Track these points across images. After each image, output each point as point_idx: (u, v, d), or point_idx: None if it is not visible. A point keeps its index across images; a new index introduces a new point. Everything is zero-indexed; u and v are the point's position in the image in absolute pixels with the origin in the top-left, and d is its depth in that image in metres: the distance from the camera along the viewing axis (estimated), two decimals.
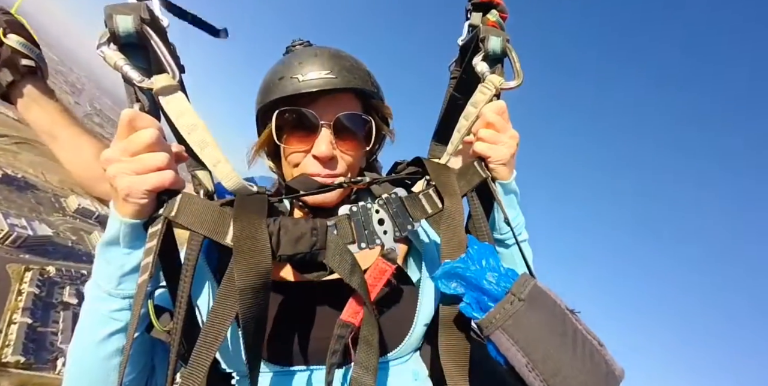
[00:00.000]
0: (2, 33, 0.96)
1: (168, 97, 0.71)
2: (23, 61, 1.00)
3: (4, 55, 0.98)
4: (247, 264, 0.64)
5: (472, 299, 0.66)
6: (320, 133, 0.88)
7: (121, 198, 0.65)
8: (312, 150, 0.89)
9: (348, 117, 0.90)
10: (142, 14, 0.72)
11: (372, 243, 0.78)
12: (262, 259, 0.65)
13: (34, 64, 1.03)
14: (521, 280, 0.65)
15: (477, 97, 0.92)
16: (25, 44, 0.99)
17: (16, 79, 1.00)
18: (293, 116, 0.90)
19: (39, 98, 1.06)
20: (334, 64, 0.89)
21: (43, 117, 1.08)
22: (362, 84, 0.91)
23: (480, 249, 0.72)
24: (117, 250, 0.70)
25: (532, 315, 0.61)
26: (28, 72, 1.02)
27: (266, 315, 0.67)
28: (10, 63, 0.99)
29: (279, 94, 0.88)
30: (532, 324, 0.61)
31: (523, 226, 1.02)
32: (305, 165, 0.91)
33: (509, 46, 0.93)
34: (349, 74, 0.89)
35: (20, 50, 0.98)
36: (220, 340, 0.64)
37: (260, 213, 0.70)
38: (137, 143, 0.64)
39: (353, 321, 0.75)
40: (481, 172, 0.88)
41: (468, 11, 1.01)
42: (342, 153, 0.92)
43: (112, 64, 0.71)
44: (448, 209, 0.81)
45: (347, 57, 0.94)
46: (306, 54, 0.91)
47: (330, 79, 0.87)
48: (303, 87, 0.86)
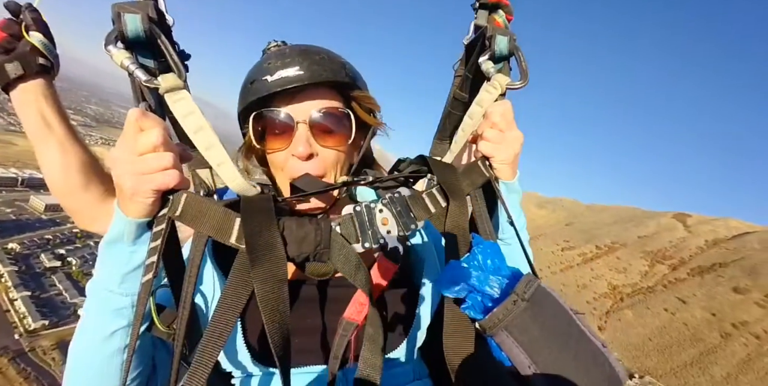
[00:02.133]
0: (25, 29, 0.97)
1: (174, 97, 0.71)
2: (39, 60, 1.01)
3: (21, 50, 0.98)
4: (265, 272, 0.66)
5: (475, 300, 0.65)
6: (296, 132, 0.87)
7: (127, 198, 0.66)
8: (290, 149, 0.88)
9: (323, 112, 0.88)
10: (150, 13, 0.71)
11: (376, 243, 0.77)
12: (280, 267, 0.67)
13: (49, 64, 1.05)
14: (525, 281, 0.64)
15: (483, 96, 0.91)
16: (46, 44, 1.00)
17: (28, 73, 1.01)
18: (268, 118, 0.89)
19: (41, 97, 1.06)
20: (303, 59, 0.87)
21: (38, 117, 1.06)
22: (334, 76, 0.89)
23: (484, 248, 0.70)
24: (120, 249, 0.70)
25: (535, 316, 0.61)
26: (41, 70, 1.03)
27: (287, 319, 0.67)
28: (24, 58, 0.99)
29: (252, 97, 0.88)
30: (536, 325, 0.60)
31: (524, 227, 1.03)
32: (290, 167, 0.90)
33: (516, 45, 0.93)
34: (319, 67, 0.87)
35: (40, 49, 0.99)
36: (224, 339, 0.64)
37: (269, 215, 0.70)
38: (144, 143, 0.64)
39: (357, 319, 0.78)
40: (485, 171, 0.88)
41: (475, 10, 1.01)
42: (323, 149, 0.90)
43: (118, 62, 0.70)
44: (453, 209, 0.81)
45: (317, 51, 0.92)
46: (276, 54, 0.90)
47: (299, 75, 0.85)
48: (272, 87, 0.85)
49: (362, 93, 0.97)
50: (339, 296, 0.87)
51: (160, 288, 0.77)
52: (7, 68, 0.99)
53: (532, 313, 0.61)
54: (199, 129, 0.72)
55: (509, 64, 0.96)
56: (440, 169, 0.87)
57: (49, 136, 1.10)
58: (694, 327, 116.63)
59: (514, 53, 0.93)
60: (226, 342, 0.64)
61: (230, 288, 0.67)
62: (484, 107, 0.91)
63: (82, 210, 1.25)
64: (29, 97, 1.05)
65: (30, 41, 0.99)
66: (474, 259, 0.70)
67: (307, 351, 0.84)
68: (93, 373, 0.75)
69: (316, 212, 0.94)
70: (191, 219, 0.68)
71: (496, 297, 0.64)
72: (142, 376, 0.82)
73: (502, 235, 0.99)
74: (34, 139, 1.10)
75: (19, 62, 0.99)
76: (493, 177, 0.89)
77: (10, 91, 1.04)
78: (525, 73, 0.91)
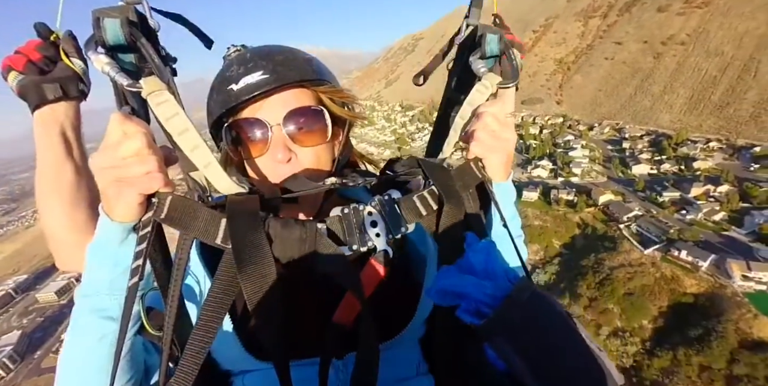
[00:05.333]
0: (65, 55, 0.98)
1: (157, 100, 0.70)
2: (80, 85, 1.02)
3: (62, 74, 0.99)
4: (250, 270, 0.65)
5: (469, 305, 0.65)
6: (272, 137, 0.85)
7: (112, 203, 0.66)
8: (269, 155, 0.87)
9: (295, 112, 0.86)
10: (130, 16, 0.71)
11: (364, 245, 0.77)
12: (265, 265, 0.67)
13: (87, 91, 1.04)
14: (521, 285, 0.63)
15: (473, 95, 0.90)
16: (86, 71, 1.01)
17: (66, 97, 1.01)
18: (240, 128, 0.87)
19: (68, 120, 1.05)
20: (266, 62, 0.85)
21: (60, 137, 1.04)
22: (300, 75, 0.87)
23: (478, 251, 0.69)
24: (108, 252, 0.70)
25: (531, 321, 0.61)
26: (79, 95, 1.03)
27: (278, 316, 0.68)
28: (65, 82, 0.99)
29: (220, 110, 0.86)
30: (531, 330, 0.60)
31: (519, 226, 1.02)
32: (272, 173, 0.88)
33: (507, 43, 0.92)
34: (284, 68, 0.85)
35: (81, 75, 1.00)
36: (210, 339, 0.65)
37: (255, 216, 0.70)
38: (127, 148, 0.63)
39: (347, 320, 0.77)
40: (477, 173, 0.86)
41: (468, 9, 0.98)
42: (302, 149, 0.89)
43: (99, 68, 0.70)
44: (447, 211, 0.80)
45: (279, 51, 0.89)
46: (237, 61, 0.88)
47: (264, 79, 0.83)
48: (239, 95, 0.83)
49: (332, 87, 0.94)
50: (329, 298, 0.82)
51: (151, 290, 0.77)
52: (46, 89, 0.99)
53: (527, 318, 0.61)
54: (184, 131, 0.71)
55: (500, 62, 0.96)
56: (433, 171, 0.86)
57: (66, 160, 1.06)
58: (631, 62, 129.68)
59: (505, 51, 0.93)
60: (212, 341, 0.65)
61: (216, 288, 0.67)
62: (475, 107, 0.90)
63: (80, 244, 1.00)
64: (58, 117, 1.04)
65: (72, 67, 0.99)
66: (467, 263, 0.68)
67: (297, 349, 0.83)
68: (83, 377, 0.74)
69: (305, 214, 0.93)
70: (176, 221, 0.68)
71: (491, 302, 0.63)
72: (133, 381, 0.81)
73: (495, 237, 0.94)
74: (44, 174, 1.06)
75: (60, 85, 0.99)
76: (486, 179, 0.87)
77: (39, 109, 1.02)
78: (516, 71, 0.92)
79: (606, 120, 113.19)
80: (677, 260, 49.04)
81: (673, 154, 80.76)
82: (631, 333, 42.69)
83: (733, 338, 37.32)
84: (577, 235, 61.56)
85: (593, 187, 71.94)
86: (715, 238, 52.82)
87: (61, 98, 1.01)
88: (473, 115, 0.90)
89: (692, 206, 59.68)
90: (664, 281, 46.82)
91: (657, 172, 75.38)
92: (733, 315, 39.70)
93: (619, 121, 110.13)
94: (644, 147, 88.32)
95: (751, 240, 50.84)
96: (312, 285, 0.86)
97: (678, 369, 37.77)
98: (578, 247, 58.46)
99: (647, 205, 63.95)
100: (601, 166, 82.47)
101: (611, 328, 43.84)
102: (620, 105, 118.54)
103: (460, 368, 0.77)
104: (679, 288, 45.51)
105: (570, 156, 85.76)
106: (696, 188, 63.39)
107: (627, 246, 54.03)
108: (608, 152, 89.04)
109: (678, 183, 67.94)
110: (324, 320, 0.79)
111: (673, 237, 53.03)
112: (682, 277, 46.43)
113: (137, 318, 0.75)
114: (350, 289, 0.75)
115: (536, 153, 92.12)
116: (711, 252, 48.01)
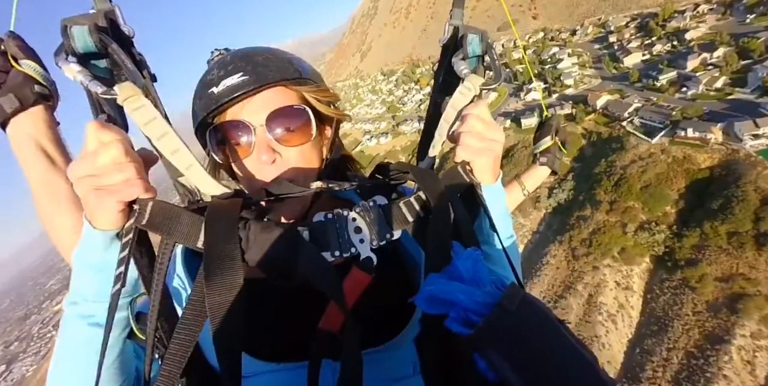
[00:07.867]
0: (12, 58, 0.91)
1: (133, 106, 0.69)
2: (36, 88, 0.95)
3: (12, 82, 0.92)
4: (217, 281, 0.65)
5: (458, 314, 0.63)
6: (256, 138, 0.85)
7: (93, 211, 0.66)
8: (253, 157, 0.86)
9: (278, 112, 0.86)
10: (99, 22, 0.70)
11: (346, 252, 0.76)
12: (233, 275, 0.66)
13: (46, 91, 0.98)
14: (510, 292, 0.62)
15: (456, 98, 0.89)
16: (40, 71, 0.95)
17: (25, 105, 0.94)
18: (223, 130, 0.87)
19: (40, 128, 0.99)
20: (246, 63, 0.84)
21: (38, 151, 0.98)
22: (281, 74, 0.86)
23: (465, 258, 0.68)
24: (92, 260, 0.70)
25: (521, 329, 0.60)
26: (38, 98, 0.96)
27: (240, 325, 0.66)
28: (19, 89, 0.93)
29: (203, 113, 0.86)
30: (522, 338, 0.59)
31: (510, 226, 1.02)
32: (258, 174, 0.88)
33: (489, 43, 0.92)
34: (264, 69, 0.84)
35: (34, 77, 0.94)
36: (191, 343, 0.65)
37: (232, 221, 0.69)
38: (104, 157, 0.63)
39: (332, 327, 0.75)
40: (465, 177, 0.85)
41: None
42: (287, 149, 0.88)
43: (72, 77, 0.69)
44: (434, 217, 0.78)
45: (260, 52, 0.89)
46: (218, 64, 0.88)
47: (244, 80, 0.82)
48: (220, 98, 0.83)
49: (316, 86, 0.93)
50: (313, 305, 0.79)
51: (142, 295, 0.77)
52: (2, 103, 0.92)
53: (517, 326, 0.60)
54: (163, 135, 0.71)
55: (483, 62, 0.95)
56: (421, 176, 0.85)
57: (52, 172, 1.01)
58: None
59: (487, 51, 0.93)
60: (192, 346, 0.65)
61: (195, 294, 0.67)
62: (458, 109, 0.89)
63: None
64: (28, 131, 0.97)
65: (22, 70, 0.92)
66: (455, 271, 0.67)
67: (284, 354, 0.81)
68: (73, 382, 0.74)
69: (294, 215, 0.91)
70: (158, 227, 0.68)
71: (480, 311, 0.61)
72: (126, 384, 0.81)
73: (486, 241, 0.94)
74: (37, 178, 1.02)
75: (14, 94, 0.92)
76: (474, 182, 0.86)
77: (6, 126, 0.97)
78: (499, 72, 0.91)
79: (587, 18, 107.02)
80: (686, 140, 48.07)
81: (663, 32, 76.10)
82: (657, 223, 43.36)
83: (754, 198, 37.35)
84: (584, 146, 61.00)
85: (589, 93, 70.01)
86: (720, 106, 51.01)
87: (19, 109, 0.95)
88: (458, 118, 0.89)
89: (691, 80, 57.19)
90: (677, 164, 46.34)
91: (650, 56, 71.68)
92: (751, 176, 39.38)
93: (601, 16, 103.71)
94: (632, 35, 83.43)
95: (756, 96, 48.78)
96: (298, 289, 0.81)
97: (708, 243, 38.58)
98: (588, 157, 58.19)
99: (646, 94, 61.84)
100: (592, 69, 79.35)
101: (636, 224, 44.53)
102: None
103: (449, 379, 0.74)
104: (693, 167, 45.02)
105: (559, 69, 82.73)
106: (692, 61, 60.20)
107: (634, 141, 53.29)
108: (596, 52, 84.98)
109: (673, 61, 64.50)
110: (314, 323, 0.77)
111: (677, 118, 51.68)
112: (693, 155, 45.79)
113: (126, 324, 0.75)
114: (329, 295, 0.72)
115: (525, 77, 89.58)
116: (717, 122, 46.70)
